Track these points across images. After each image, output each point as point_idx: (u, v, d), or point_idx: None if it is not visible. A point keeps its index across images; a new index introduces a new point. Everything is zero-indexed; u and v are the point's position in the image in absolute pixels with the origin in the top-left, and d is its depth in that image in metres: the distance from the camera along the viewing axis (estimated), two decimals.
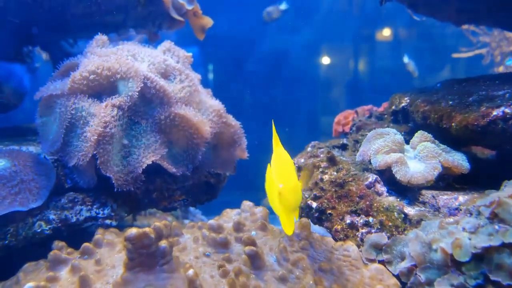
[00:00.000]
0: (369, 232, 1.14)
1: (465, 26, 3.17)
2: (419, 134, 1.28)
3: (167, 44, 1.63)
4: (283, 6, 3.02)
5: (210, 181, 1.61)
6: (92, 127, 1.23)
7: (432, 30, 3.80)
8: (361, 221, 1.17)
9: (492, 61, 3.27)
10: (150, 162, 1.32)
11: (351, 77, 4.25)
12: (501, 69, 3.24)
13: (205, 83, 1.69)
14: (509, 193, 0.91)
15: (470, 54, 3.28)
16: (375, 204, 1.17)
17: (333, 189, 1.27)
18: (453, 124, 1.22)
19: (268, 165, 0.99)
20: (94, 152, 1.23)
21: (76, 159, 1.25)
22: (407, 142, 1.30)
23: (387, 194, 1.20)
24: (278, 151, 0.99)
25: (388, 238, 1.07)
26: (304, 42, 4.28)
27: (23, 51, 2.13)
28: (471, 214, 1.01)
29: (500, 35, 3.24)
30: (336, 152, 1.57)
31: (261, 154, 1.35)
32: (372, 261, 1.04)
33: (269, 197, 0.95)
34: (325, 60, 4.28)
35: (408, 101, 1.58)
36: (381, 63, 4.22)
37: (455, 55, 3.36)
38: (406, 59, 3.45)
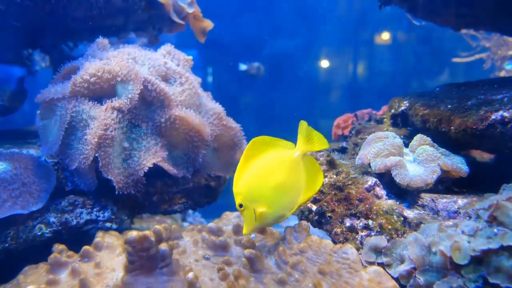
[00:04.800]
0: (368, 235, 1.14)
1: (464, 31, 3.17)
2: (418, 138, 1.28)
3: (167, 47, 1.64)
4: (243, 67, 3.53)
5: (211, 184, 1.62)
6: (93, 129, 1.24)
7: (431, 34, 3.81)
8: (361, 224, 1.18)
9: (493, 65, 3.25)
10: (151, 165, 1.33)
11: (350, 81, 4.26)
12: (502, 73, 3.22)
13: (204, 86, 1.69)
14: (508, 196, 0.91)
15: (471, 59, 3.26)
16: (374, 207, 1.17)
17: (333, 192, 1.27)
18: (452, 127, 1.22)
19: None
20: (95, 155, 1.23)
21: (78, 162, 1.25)
22: (406, 145, 1.31)
23: (387, 197, 1.21)
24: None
25: (388, 241, 1.07)
26: (304, 46, 4.29)
27: (23, 54, 2.14)
28: (470, 217, 1.01)
29: (500, 39, 3.23)
30: (335, 156, 1.58)
31: None
32: (372, 264, 1.04)
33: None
34: (325, 64, 4.29)
35: (407, 104, 1.59)
36: (380, 67, 4.23)
37: (455, 60, 3.35)
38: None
